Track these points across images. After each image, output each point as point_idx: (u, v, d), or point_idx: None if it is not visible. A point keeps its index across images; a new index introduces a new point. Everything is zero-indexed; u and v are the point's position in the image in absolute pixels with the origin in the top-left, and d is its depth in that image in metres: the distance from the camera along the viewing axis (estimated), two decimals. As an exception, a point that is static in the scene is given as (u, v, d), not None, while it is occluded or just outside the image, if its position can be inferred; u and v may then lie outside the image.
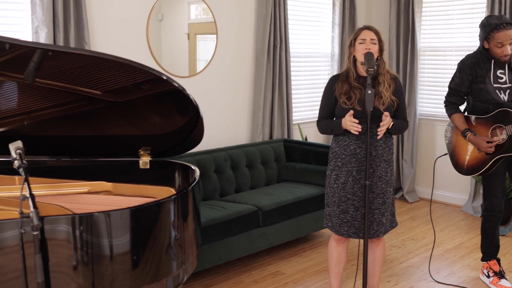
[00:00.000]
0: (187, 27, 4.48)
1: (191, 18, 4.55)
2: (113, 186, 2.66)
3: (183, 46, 4.47)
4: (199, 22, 4.64)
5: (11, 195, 2.45)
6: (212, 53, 4.64)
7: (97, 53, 2.27)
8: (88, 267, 2.06)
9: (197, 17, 4.62)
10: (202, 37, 4.68)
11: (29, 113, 2.81)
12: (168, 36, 4.36)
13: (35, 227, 1.65)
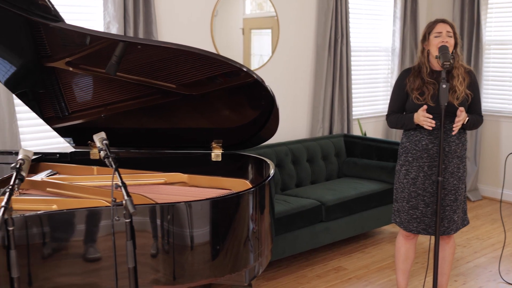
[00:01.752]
0: (242, 22, 4.49)
1: (246, 13, 4.56)
2: (188, 178, 2.70)
3: (237, 41, 4.48)
4: (254, 17, 4.65)
5: (93, 184, 2.52)
6: (269, 48, 4.63)
7: (184, 47, 2.32)
8: (169, 256, 2.11)
9: (252, 12, 4.63)
10: (257, 32, 4.68)
11: (105, 106, 2.89)
12: (222, 32, 4.36)
13: (131, 214, 1.70)
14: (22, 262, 1.87)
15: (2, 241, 1.82)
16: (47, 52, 2.66)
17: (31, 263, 1.90)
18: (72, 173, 2.78)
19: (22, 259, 1.87)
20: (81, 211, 2.00)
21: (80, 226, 1.98)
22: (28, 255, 1.89)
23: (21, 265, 1.85)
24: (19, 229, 1.86)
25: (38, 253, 1.92)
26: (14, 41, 2.61)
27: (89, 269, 1.99)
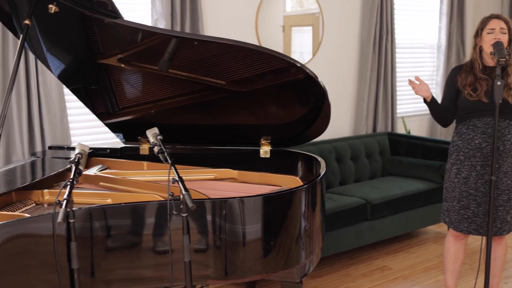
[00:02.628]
0: (282, 20, 4.47)
1: (287, 11, 4.53)
2: (238, 174, 2.71)
3: (278, 39, 4.45)
4: (295, 14, 4.62)
5: (144, 179, 2.55)
6: (309, 45, 4.60)
7: (241, 43, 2.32)
8: (221, 252, 2.11)
9: (292, 9, 4.61)
10: (297, 29, 4.65)
11: (155, 102, 2.92)
12: (263, 29, 4.35)
13: (190, 209, 1.71)
14: (85, 253, 1.90)
15: (65, 233, 1.86)
16: (99, 49, 2.70)
17: (94, 255, 1.94)
18: (122, 168, 2.82)
19: (85, 250, 1.90)
20: (141, 205, 2.03)
21: (139, 220, 2.00)
22: (91, 247, 1.93)
23: (84, 256, 1.90)
24: (82, 221, 1.90)
25: (100, 245, 1.95)
26: (69, 38, 2.66)
27: (148, 263, 2.01)
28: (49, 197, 2.31)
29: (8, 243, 1.76)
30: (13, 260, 1.79)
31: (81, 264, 1.81)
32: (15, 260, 1.80)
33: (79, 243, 1.79)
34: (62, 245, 1.84)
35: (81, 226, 1.90)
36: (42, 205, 2.29)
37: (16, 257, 1.80)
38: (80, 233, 1.88)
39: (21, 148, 3.30)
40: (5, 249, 1.75)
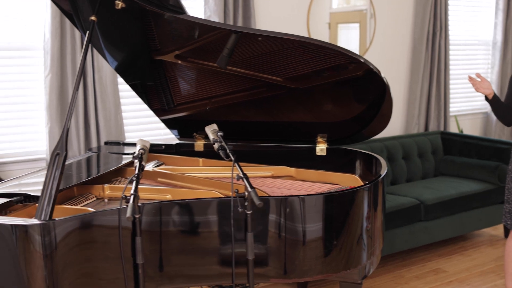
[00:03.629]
0: (328, 17, 4.41)
1: (333, 8, 4.47)
2: (296, 171, 2.68)
3: (323, 36, 4.39)
4: (341, 11, 4.55)
5: (202, 175, 2.54)
6: (356, 42, 4.52)
7: (306, 38, 2.29)
8: (280, 250, 2.08)
9: (339, 6, 4.54)
10: (344, 26, 4.58)
11: (210, 98, 2.91)
12: (309, 26, 4.31)
13: (258, 206, 1.69)
14: (154, 247, 1.91)
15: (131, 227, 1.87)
16: (156, 46, 2.72)
17: (163, 249, 1.94)
18: (177, 164, 2.82)
19: (154, 245, 1.91)
20: (207, 201, 2.02)
21: (204, 216, 1.99)
22: (160, 241, 1.93)
23: (153, 251, 1.90)
24: (153, 215, 1.90)
25: (165, 240, 1.95)
26: (126, 34, 2.68)
27: (211, 260, 2.00)
28: (109, 192, 2.33)
29: (74, 236, 1.77)
30: (78, 252, 1.80)
31: (148, 257, 1.82)
32: (80, 252, 1.82)
33: (149, 237, 1.79)
34: (127, 239, 1.84)
35: (151, 220, 1.90)
36: (103, 200, 2.30)
37: (82, 249, 1.81)
38: (150, 227, 1.88)
39: (77, 144, 3.35)
40: (69, 242, 1.76)
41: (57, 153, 1.80)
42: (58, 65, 3.25)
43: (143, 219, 1.87)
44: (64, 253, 1.74)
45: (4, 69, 3.29)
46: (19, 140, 3.39)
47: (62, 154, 1.80)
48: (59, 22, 3.22)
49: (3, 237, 1.70)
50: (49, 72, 3.25)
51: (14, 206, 2.01)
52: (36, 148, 3.40)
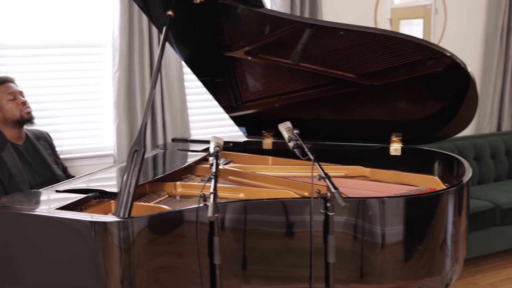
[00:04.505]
0: (389, 12, 4.25)
1: (395, 3, 4.31)
2: (370, 172, 2.57)
3: None
4: (404, 6, 4.39)
5: (273, 174, 2.47)
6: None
7: (390, 32, 2.21)
8: (355, 252, 1.99)
9: (401, 1, 4.37)
10: (406, 22, 4.42)
11: (280, 96, 2.84)
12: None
13: (343, 208, 1.60)
14: (237, 245, 1.87)
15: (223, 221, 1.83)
16: (225, 42, 2.67)
17: (241, 248, 1.88)
18: (246, 162, 2.76)
19: (237, 243, 1.87)
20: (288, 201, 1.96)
21: (283, 216, 1.92)
22: (244, 240, 1.88)
23: (236, 249, 1.86)
24: (238, 213, 1.85)
25: (246, 239, 1.89)
26: (196, 30, 2.64)
27: (289, 262, 1.93)
28: (181, 189, 2.30)
29: (147, 233, 1.73)
30: (151, 248, 1.76)
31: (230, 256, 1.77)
32: (153, 249, 1.78)
33: (232, 235, 1.74)
34: (205, 238, 1.80)
35: (234, 219, 1.85)
36: (174, 197, 2.27)
37: (156, 246, 1.78)
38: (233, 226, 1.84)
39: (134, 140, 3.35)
40: (143, 238, 1.72)
41: (135, 150, 1.77)
42: (126, 62, 3.26)
43: (228, 217, 1.82)
44: (139, 249, 1.71)
45: (73, 65, 3.33)
46: (87, 136, 3.42)
47: (141, 151, 1.76)
48: (127, 19, 3.22)
49: (81, 233, 1.69)
50: (117, 69, 3.26)
51: (89, 202, 2.00)
52: (104, 144, 3.42)
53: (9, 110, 2.63)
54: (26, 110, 2.67)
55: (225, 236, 1.84)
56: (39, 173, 2.68)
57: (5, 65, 3.12)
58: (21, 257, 1.77)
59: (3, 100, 2.63)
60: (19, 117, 2.65)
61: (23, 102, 2.67)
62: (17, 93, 2.69)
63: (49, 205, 1.88)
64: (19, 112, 2.64)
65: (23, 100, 2.68)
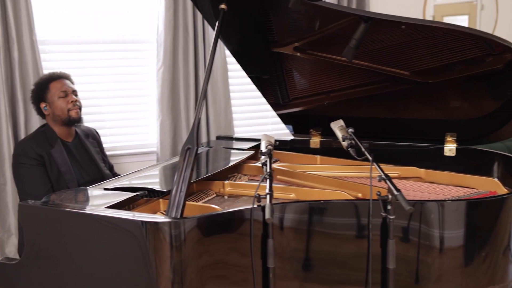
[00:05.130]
0: (432, 9, 4.12)
1: (437, 0, 4.17)
2: (425, 173, 2.46)
3: None
4: (447, 3, 4.26)
5: (323, 174, 2.39)
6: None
7: (456, 26, 2.08)
8: (411, 256, 1.90)
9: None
10: (450, 19, 4.29)
11: (328, 93, 2.76)
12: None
13: (407, 211, 1.51)
14: (296, 246, 1.80)
15: (279, 223, 1.77)
16: (273, 37, 2.61)
17: (305, 249, 1.82)
18: (293, 161, 2.69)
19: (297, 243, 1.80)
20: (345, 203, 1.90)
21: (340, 218, 1.84)
22: (303, 241, 1.81)
23: (296, 250, 1.80)
24: (296, 214, 1.79)
25: (309, 240, 1.82)
26: (243, 26, 2.58)
27: (346, 266, 1.85)
28: (230, 188, 2.24)
29: (197, 233, 1.67)
30: (202, 249, 1.71)
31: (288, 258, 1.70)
32: (205, 250, 1.72)
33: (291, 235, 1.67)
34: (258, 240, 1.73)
35: (295, 219, 1.79)
36: (223, 197, 2.22)
37: (208, 247, 1.72)
38: (293, 226, 1.78)
39: (186, 137, 3.30)
40: (193, 237, 1.66)
41: (188, 148, 1.71)
42: (170, 58, 3.22)
43: (287, 217, 1.75)
44: (190, 249, 1.65)
45: (117, 62, 3.31)
46: (130, 133, 3.40)
47: (193, 149, 1.70)
48: (172, 14, 3.19)
49: (131, 233, 1.64)
50: (162, 65, 3.22)
51: (138, 201, 1.96)
52: (147, 141, 3.40)
53: (58, 107, 2.58)
54: (74, 110, 2.60)
55: (284, 236, 1.77)
56: (87, 171, 2.65)
57: (49, 61, 3.12)
58: (68, 256, 1.74)
59: (54, 96, 2.59)
60: (66, 116, 2.59)
61: (73, 102, 2.61)
62: (69, 91, 2.63)
63: (98, 204, 1.85)
64: (67, 111, 2.58)
65: (74, 99, 2.62)
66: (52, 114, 2.60)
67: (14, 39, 2.88)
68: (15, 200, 2.97)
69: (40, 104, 2.62)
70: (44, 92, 2.61)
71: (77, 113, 2.62)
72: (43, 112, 2.62)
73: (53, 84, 2.61)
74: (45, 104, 2.60)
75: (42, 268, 1.77)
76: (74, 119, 2.61)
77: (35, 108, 2.65)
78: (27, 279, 1.80)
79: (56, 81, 2.62)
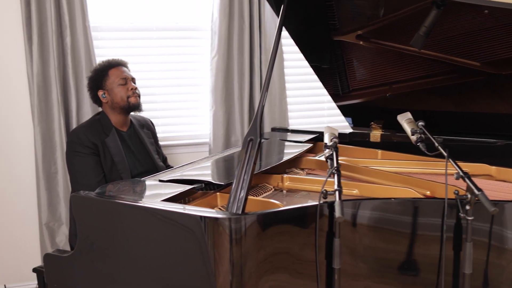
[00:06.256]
0: None
1: None
2: (496, 170, 2.30)
3: None
4: None
5: (390, 170, 2.26)
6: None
7: None
8: (481, 257, 1.76)
9: None
10: None
11: (391, 84, 2.62)
12: None
13: (491, 213, 1.38)
14: (370, 244, 1.70)
15: (352, 219, 1.66)
16: (335, 25, 2.49)
17: (378, 248, 1.71)
18: (352, 155, 2.56)
19: (370, 241, 1.70)
20: (420, 202, 1.77)
21: (413, 219, 1.72)
22: (376, 239, 1.70)
23: (369, 248, 1.69)
24: (370, 211, 1.68)
25: (381, 238, 1.71)
26: (306, 11, 2.47)
27: (416, 268, 1.73)
28: (289, 183, 2.14)
29: (257, 229, 1.58)
30: (262, 245, 1.62)
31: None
32: (266, 246, 1.63)
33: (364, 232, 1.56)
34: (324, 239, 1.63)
35: (366, 216, 1.68)
36: (281, 191, 2.12)
37: (269, 244, 1.63)
38: (366, 223, 1.67)
39: (240, 129, 3.23)
40: (252, 232, 1.57)
41: (251, 139, 1.62)
42: (225, 46, 3.14)
43: (361, 213, 1.64)
44: (250, 244, 1.56)
45: (170, 49, 3.25)
46: (182, 123, 3.34)
47: (256, 140, 1.61)
48: (227, 1, 3.09)
49: (189, 228, 1.56)
50: (216, 54, 3.14)
51: (194, 194, 1.88)
52: (199, 132, 3.33)
53: (118, 94, 2.53)
54: (134, 98, 2.55)
55: (356, 233, 1.66)
56: (141, 162, 2.59)
57: (101, 47, 3.08)
58: (121, 250, 1.67)
59: (114, 84, 2.54)
60: (126, 103, 2.53)
61: (132, 89, 2.55)
62: (129, 79, 2.58)
63: (154, 196, 1.78)
64: (127, 98, 2.53)
65: (133, 87, 2.56)
66: (111, 102, 2.54)
67: (67, 25, 2.85)
68: (66, 189, 2.95)
69: (98, 92, 2.56)
70: (103, 79, 2.55)
71: (137, 99, 2.56)
72: (100, 100, 2.57)
73: (112, 71, 2.56)
74: (103, 91, 2.55)
75: (95, 262, 1.72)
76: (134, 105, 2.55)
77: (92, 95, 2.60)
78: (79, 272, 1.76)
79: (115, 68, 2.57)
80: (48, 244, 2.95)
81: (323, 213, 1.60)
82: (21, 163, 2.98)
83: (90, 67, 2.88)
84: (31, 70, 2.85)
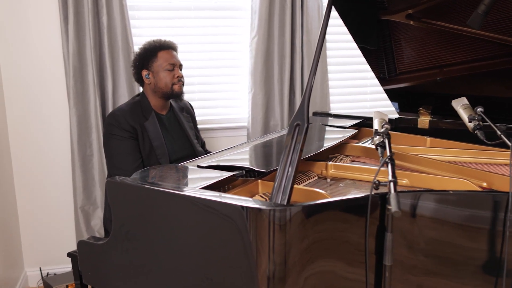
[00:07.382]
0: None
1: None
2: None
3: None
4: None
5: (441, 159, 2.12)
6: None
7: None
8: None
9: None
10: None
11: (442, 67, 2.47)
12: None
13: None
14: (431, 236, 1.58)
15: (411, 210, 1.54)
16: (383, 4, 2.34)
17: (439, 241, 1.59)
18: (398, 142, 2.43)
19: (432, 233, 1.58)
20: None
21: (475, 210, 1.59)
22: (437, 233, 1.58)
23: (430, 241, 1.57)
24: (426, 203, 1.55)
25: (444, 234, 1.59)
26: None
27: (472, 268, 1.60)
28: (334, 171, 2.02)
29: (301, 219, 1.47)
30: (303, 235, 1.51)
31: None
32: (312, 241, 1.52)
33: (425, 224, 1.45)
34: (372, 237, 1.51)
35: (425, 207, 1.55)
36: (325, 179, 2.00)
37: (315, 242, 1.52)
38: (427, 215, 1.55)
39: (279, 113, 3.11)
40: (296, 221, 1.47)
41: (297, 124, 1.50)
42: (265, 26, 3.02)
43: (420, 204, 1.52)
44: (293, 235, 1.46)
45: (208, 30, 3.15)
46: (220, 106, 3.25)
47: (303, 126, 1.49)
48: (269, -21, 2.97)
49: (230, 218, 1.46)
50: (256, 34, 3.03)
51: (234, 182, 1.79)
52: (238, 115, 3.23)
53: (163, 79, 2.42)
54: (178, 86, 2.44)
55: (416, 225, 1.54)
56: (180, 146, 2.49)
57: (138, 27, 3.00)
58: (157, 239, 1.59)
59: (160, 67, 2.43)
60: (170, 90, 2.43)
61: (178, 77, 2.45)
62: (177, 65, 2.46)
63: (193, 183, 1.69)
64: (171, 85, 2.43)
65: (180, 74, 2.45)
66: (154, 85, 2.44)
67: (103, 3, 2.77)
68: (101, 173, 2.90)
69: (142, 71, 2.46)
70: (150, 60, 2.44)
71: (181, 88, 2.46)
72: (142, 80, 2.48)
73: (162, 54, 2.44)
74: (148, 72, 2.45)
75: (130, 251, 1.65)
76: (176, 93, 2.45)
77: (135, 73, 2.50)
78: (113, 261, 1.68)
79: (165, 51, 2.45)
80: (83, 227, 2.92)
81: (376, 205, 1.48)
82: (56, 145, 2.94)
83: (127, 48, 2.81)
84: (67, 50, 2.79)
